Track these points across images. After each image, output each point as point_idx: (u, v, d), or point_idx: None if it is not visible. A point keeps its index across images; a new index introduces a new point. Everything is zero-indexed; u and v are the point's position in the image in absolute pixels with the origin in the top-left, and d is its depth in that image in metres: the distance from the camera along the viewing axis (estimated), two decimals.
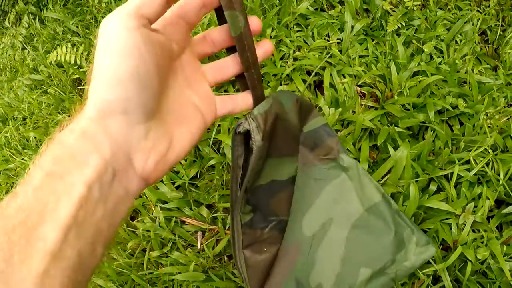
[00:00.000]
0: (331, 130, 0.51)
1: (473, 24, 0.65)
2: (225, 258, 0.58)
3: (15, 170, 0.90)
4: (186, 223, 0.60)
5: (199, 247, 0.59)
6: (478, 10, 0.67)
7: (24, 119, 0.94)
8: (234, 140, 0.32)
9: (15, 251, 0.15)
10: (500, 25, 0.65)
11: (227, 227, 0.58)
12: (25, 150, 0.88)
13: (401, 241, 0.47)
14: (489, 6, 0.67)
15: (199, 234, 0.60)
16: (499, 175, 0.52)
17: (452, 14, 0.66)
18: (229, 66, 0.25)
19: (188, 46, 0.23)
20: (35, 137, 0.87)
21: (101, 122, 0.17)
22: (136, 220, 0.62)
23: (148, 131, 0.18)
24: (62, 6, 1.03)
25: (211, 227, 0.59)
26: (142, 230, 0.60)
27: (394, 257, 0.46)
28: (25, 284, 0.15)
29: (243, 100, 0.26)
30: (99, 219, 0.17)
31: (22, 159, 0.87)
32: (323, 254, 0.46)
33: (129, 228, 0.61)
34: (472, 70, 0.62)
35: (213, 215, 0.59)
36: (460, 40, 0.64)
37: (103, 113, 0.17)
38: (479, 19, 0.65)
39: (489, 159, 0.53)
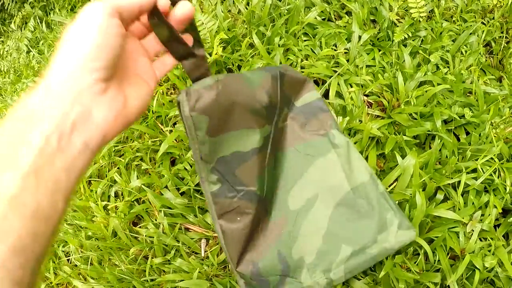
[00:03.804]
0: (325, 105, 0.52)
1: (477, 36, 0.66)
2: (230, 266, 0.57)
3: None
4: (190, 230, 0.60)
5: (203, 254, 0.58)
6: (482, 22, 0.68)
7: None
8: (180, 111, 0.36)
9: None
10: (504, 37, 0.66)
11: None
12: None
13: (384, 223, 0.47)
14: (493, 18, 0.68)
15: (203, 241, 0.59)
16: (505, 183, 0.52)
17: (457, 25, 0.67)
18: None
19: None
20: None
21: (67, 80, 0.20)
22: (139, 226, 0.61)
23: (106, 88, 0.22)
24: (69, 11, 1.03)
25: (215, 235, 0.58)
26: (145, 236, 0.59)
27: (376, 238, 0.46)
28: None
29: (170, 60, 0.30)
30: (57, 169, 0.18)
31: None
32: (306, 229, 0.47)
33: (131, 234, 0.60)
34: (477, 80, 0.63)
35: None
36: (466, 51, 0.65)
37: (71, 73, 0.20)
38: (483, 30, 0.66)
39: (495, 168, 0.53)
